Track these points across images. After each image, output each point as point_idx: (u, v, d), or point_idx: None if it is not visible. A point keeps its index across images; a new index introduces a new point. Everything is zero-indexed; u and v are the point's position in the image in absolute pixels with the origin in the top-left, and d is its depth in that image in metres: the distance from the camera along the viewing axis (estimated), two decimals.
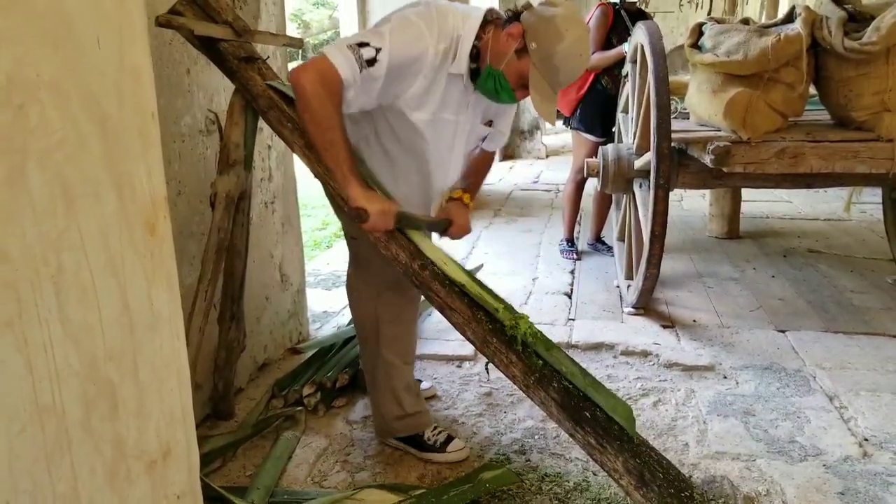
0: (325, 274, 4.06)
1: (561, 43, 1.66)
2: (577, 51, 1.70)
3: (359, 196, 1.68)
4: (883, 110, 2.73)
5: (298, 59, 16.79)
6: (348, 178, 1.68)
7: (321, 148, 1.68)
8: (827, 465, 2.02)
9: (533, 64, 1.69)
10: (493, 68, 1.73)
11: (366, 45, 1.62)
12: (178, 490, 1.07)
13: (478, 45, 1.74)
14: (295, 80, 1.62)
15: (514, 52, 1.70)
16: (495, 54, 1.72)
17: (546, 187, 6.89)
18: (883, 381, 2.51)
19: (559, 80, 1.73)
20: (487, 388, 2.53)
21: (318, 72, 1.61)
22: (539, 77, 1.70)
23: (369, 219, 1.68)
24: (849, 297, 3.42)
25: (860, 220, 5.07)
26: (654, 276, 2.97)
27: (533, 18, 1.70)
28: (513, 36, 1.70)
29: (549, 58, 1.68)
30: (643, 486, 1.56)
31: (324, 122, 1.63)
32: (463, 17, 1.74)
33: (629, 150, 3.32)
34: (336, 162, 1.68)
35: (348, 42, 1.64)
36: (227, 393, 2.26)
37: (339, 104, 1.65)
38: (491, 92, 1.78)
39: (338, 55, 1.62)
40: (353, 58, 1.61)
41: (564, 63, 1.69)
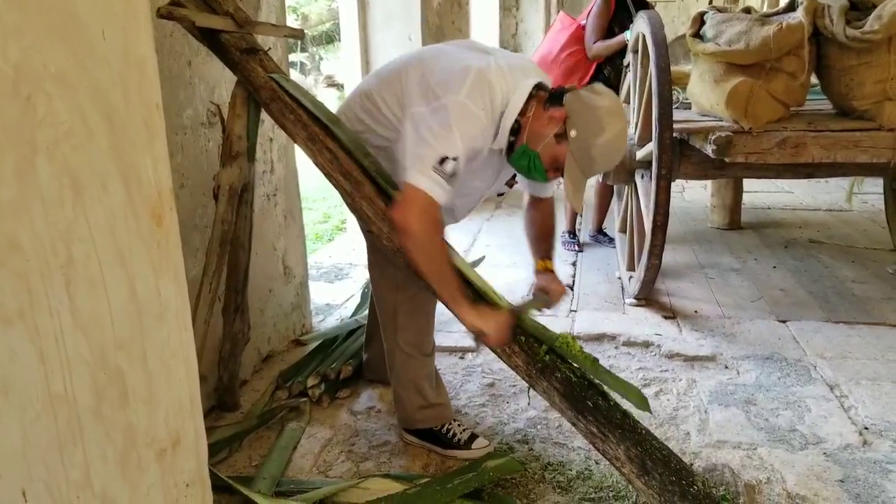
0: (327, 267, 4.07)
1: (602, 136, 1.66)
2: (616, 145, 1.72)
3: (474, 319, 1.69)
4: (884, 99, 2.73)
5: (297, 51, 16.72)
6: (459, 301, 1.70)
7: (433, 279, 1.69)
8: (827, 453, 2.03)
9: (570, 152, 1.69)
10: (530, 149, 1.73)
11: (446, 159, 1.61)
12: (187, 478, 1.09)
13: (519, 121, 1.73)
14: (402, 222, 1.63)
15: (553, 137, 1.70)
16: (534, 135, 1.72)
17: None
18: (883, 370, 2.52)
19: (593, 170, 1.75)
20: (490, 379, 2.54)
21: (421, 208, 1.62)
22: (574, 166, 1.70)
23: (489, 338, 1.71)
24: (850, 288, 3.42)
25: (861, 210, 5.07)
26: (655, 267, 2.97)
27: (577, 105, 1.69)
28: (555, 119, 1.70)
29: (588, 149, 1.68)
30: (645, 474, 1.57)
31: (437, 258, 1.67)
32: (509, 88, 1.72)
33: (631, 141, 3.32)
34: (449, 291, 1.70)
35: (429, 161, 1.61)
36: (232, 384, 2.27)
37: (442, 231, 1.68)
38: (524, 169, 1.80)
39: (428, 182, 1.61)
40: (441, 180, 1.62)
41: (602, 156, 1.70)
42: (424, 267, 1.67)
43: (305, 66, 17.76)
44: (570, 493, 1.86)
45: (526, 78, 1.76)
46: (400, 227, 1.64)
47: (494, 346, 1.73)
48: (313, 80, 15.82)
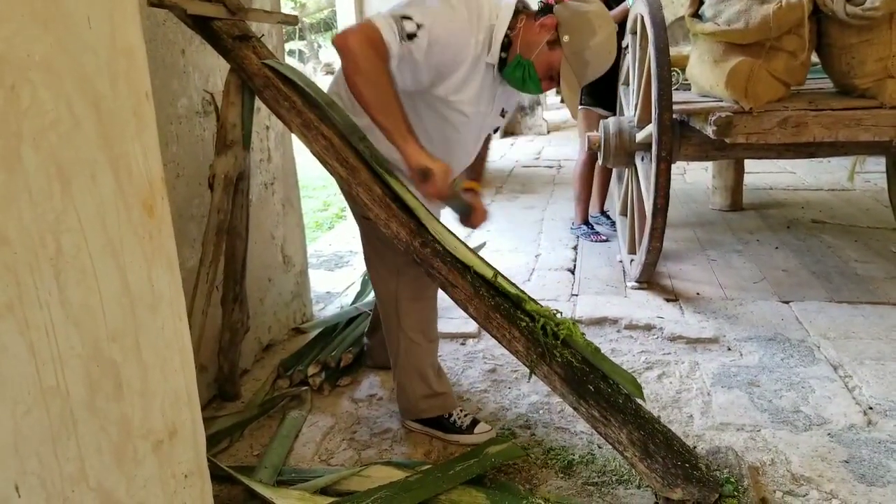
0: (327, 255, 4.06)
1: (594, 38, 1.71)
2: (608, 47, 1.75)
3: (421, 156, 1.65)
4: (886, 77, 2.70)
5: (295, 39, 16.65)
6: (407, 137, 1.65)
7: (375, 108, 1.64)
8: (831, 433, 2.02)
9: (565, 56, 1.73)
10: (524, 58, 1.75)
11: (408, 18, 1.62)
12: (185, 469, 1.08)
13: (509, 35, 1.75)
14: (341, 42, 1.61)
15: (546, 44, 1.73)
16: (526, 44, 1.74)
17: (548, 163, 6.86)
18: (887, 349, 2.51)
19: (587, 74, 1.77)
20: (492, 365, 2.54)
21: (364, 34, 1.61)
22: (569, 70, 1.74)
23: (434, 178, 1.65)
24: (853, 267, 3.41)
25: (864, 189, 5.04)
26: (657, 249, 2.96)
27: (567, 13, 1.73)
28: (546, 27, 1.73)
29: (581, 52, 1.72)
30: (647, 457, 1.57)
31: (376, 80, 1.61)
32: (495, 3, 1.75)
33: (630, 123, 3.30)
34: (394, 121, 1.65)
35: (392, 12, 1.64)
36: (232, 374, 2.27)
37: (388, 67, 1.63)
38: (518, 81, 1.80)
39: (383, 23, 1.62)
40: (395, 27, 1.61)
41: (595, 58, 1.74)
42: (365, 92, 1.62)
43: (304, 54, 17.68)
44: (573, 477, 1.86)
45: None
46: (340, 48, 1.61)
47: (436, 192, 1.67)
48: (312, 68, 15.75)
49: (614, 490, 1.79)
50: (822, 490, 1.76)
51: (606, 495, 1.77)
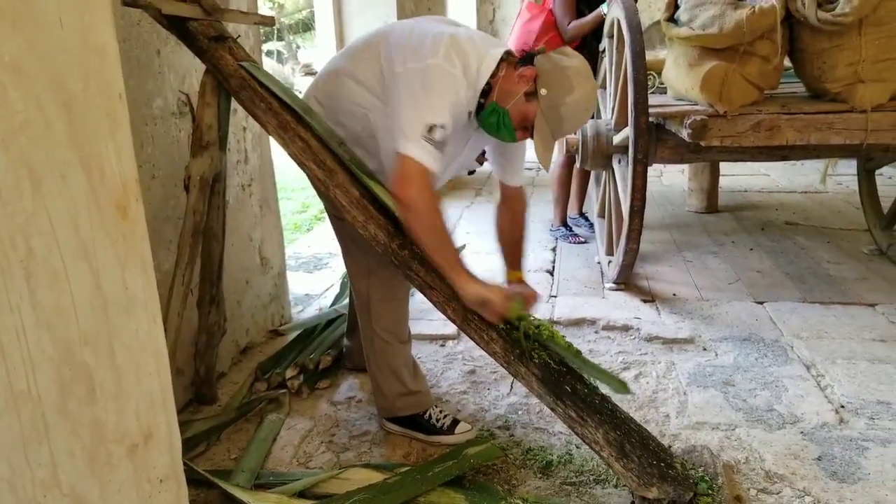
0: (306, 257, 4.04)
1: (571, 95, 1.70)
2: (585, 105, 1.75)
3: (477, 289, 1.68)
4: (856, 81, 2.75)
5: (274, 40, 16.52)
6: (461, 273, 1.69)
7: (433, 252, 1.68)
8: (804, 431, 2.05)
9: (540, 110, 1.72)
10: (500, 106, 1.74)
11: (434, 127, 1.62)
12: (160, 473, 1.07)
13: (490, 82, 1.75)
14: (404, 197, 1.63)
15: (524, 94, 1.72)
16: (504, 93, 1.74)
17: (527, 166, 6.87)
18: (858, 348, 2.56)
19: (562, 130, 1.77)
20: (471, 366, 2.55)
21: (419, 180, 1.62)
22: (544, 123, 1.73)
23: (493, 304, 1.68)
24: (825, 268, 3.47)
25: (836, 191, 5.13)
26: (633, 251, 2.99)
27: (547, 65, 1.72)
28: (525, 78, 1.73)
29: (558, 107, 1.71)
30: (624, 457, 1.58)
31: (437, 229, 1.66)
32: (480, 55, 1.74)
33: (607, 126, 3.33)
34: (449, 261, 1.69)
35: (418, 129, 1.62)
36: (209, 377, 2.25)
37: (439, 200, 1.67)
38: (492, 128, 1.80)
39: (420, 152, 1.61)
40: (432, 150, 1.62)
41: (571, 114, 1.74)
42: (427, 239, 1.66)
43: (282, 55, 17.58)
44: (551, 477, 1.87)
45: (495, 47, 1.78)
46: (402, 202, 1.64)
47: (499, 315, 1.70)
48: (290, 69, 15.66)
49: (592, 490, 1.81)
50: (795, 487, 1.79)
51: (584, 495, 1.79)
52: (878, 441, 1.98)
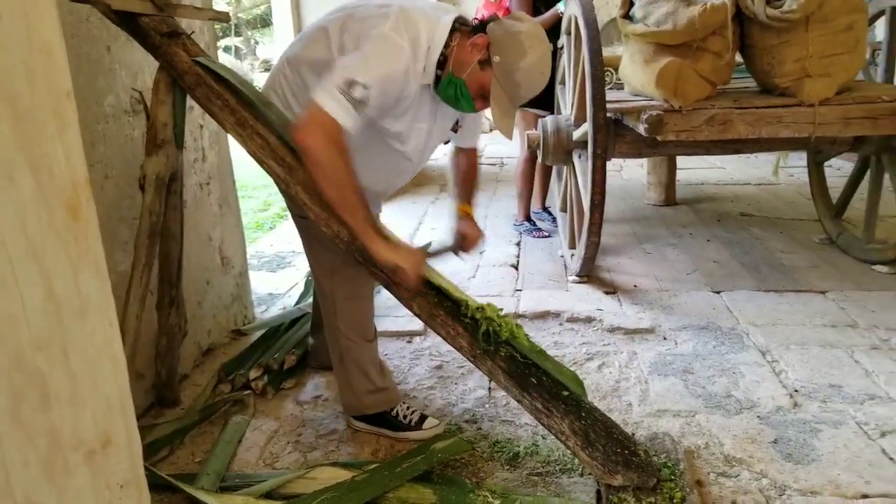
0: (269, 256, 3.99)
1: (524, 59, 1.68)
2: (539, 68, 1.73)
3: (385, 251, 1.65)
4: (804, 76, 2.84)
5: (231, 35, 16.27)
6: (370, 233, 1.66)
7: (338, 206, 1.65)
8: (761, 416, 2.11)
9: (495, 77, 1.71)
10: (455, 76, 1.73)
11: (354, 83, 1.58)
12: (120, 479, 1.05)
13: (445, 53, 1.73)
14: (302, 143, 1.59)
15: (478, 63, 1.71)
16: (459, 63, 1.72)
17: (490, 161, 6.91)
18: (811, 334, 2.64)
19: (519, 95, 1.75)
20: (438, 361, 2.55)
21: (322, 128, 1.57)
22: (500, 90, 1.72)
23: (405, 273, 1.67)
24: (779, 258, 3.56)
25: (788, 183, 5.27)
26: (595, 244, 3.03)
27: (499, 31, 1.71)
28: (477, 46, 1.71)
29: (512, 73, 1.70)
30: (589, 445, 1.61)
31: (340, 182, 1.60)
32: (433, 24, 1.72)
33: (567, 122, 3.36)
34: (355, 219, 1.65)
35: (336, 82, 1.58)
36: (170, 380, 2.22)
37: (347, 155, 1.62)
38: (451, 99, 1.78)
39: (332, 103, 1.57)
40: (347, 103, 1.58)
41: (526, 79, 1.72)
42: (329, 193, 1.62)
43: (241, 51, 17.31)
44: (519, 469, 1.89)
45: (447, 14, 1.77)
46: (301, 149, 1.60)
47: (410, 281, 1.69)
48: (249, 65, 15.43)
49: (558, 479, 1.83)
50: (753, 470, 1.84)
51: (551, 484, 1.81)
52: (830, 423, 2.04)
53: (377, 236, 1.66)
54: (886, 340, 2.55)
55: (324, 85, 1.60)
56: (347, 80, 1.58)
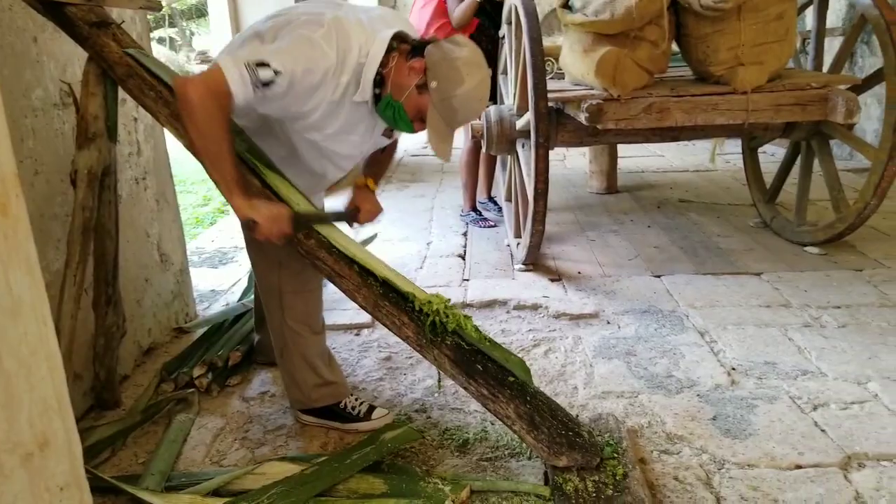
0: (210, 252, 3.91)
1: (461, 87, 1.67)
2: (477, 95, 1.72)
3: (243, 206, 1.63)
4: (737, 64, 2.94)
5: (166, 26, 15.80)
6: (232, 189, 1.63)
7: (206, 158, 1.62)
8: (700, 394, 2.19)
9: (432, 102, 1.69)
10: (394, 99, 1.71)
11: (265, 65, 1.55)
12: (60, 482, 1.02)
13: (382, 73, 1.71)
14: (181, 91, 1.54)
15: (415, 87, 1.70)
16: (396, 86, 1.71)
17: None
18: (747, 314, 2.75)
19: (457, 120, 1.74)
20: (387, 353, 2.55)
21: (208, 87, 1.54)
22: (437, 116, 1.71)
23: (259, 228, 1.64)
24: (716, 241, 3.69)
25: (724, 169, 5.45)
26: (539, 232, 3.07)
27: (437, 56, 1.69)
28: (415, 70, 1.69)
29: (449, 99, 1.68)
30: (534, 429, 1.64)
31: (210, 134, 1.57)
32: (368, 39, 1.68)
33: (510, 112, 3.39)
34: (221, 174, 1.62)
35: (247, 58, 1.56)
36: (110, 381, 2.15)
37: (227, 117, 1.58)
38: (390, 120, 1.77)
39: (232, 70, 1.54)
40: (248, 77, 1.54)
41: (463, 106, 1.70)
42: (198, 143, 1.60)
43: (175, 42, 16.82)
44: (468, 455, 1.91)
45: (387, 28, 1.73)
46: (179, 95, 1.57)
47: (264, 236, 1.68)
48: (185, 56, 15.00)
49: (507, 463, 1.86)
50: (693, 446, 1.91)
51: (500, 469, 1.84)
52: (765, 399, 2.13)
53: (239, 191, 1.64)
54: (818, 318, 2.68)
55: (234, 52, 1.58)
56: (259, 60, 1.55)
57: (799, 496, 1.67)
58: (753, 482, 1.74)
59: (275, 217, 1.66)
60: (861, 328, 2.57)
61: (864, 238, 3.53)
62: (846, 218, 3.26)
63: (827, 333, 2.54)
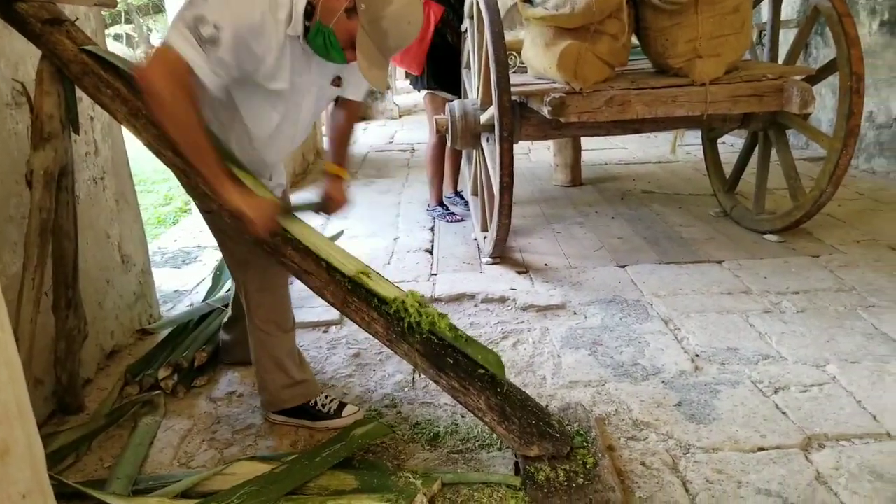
0: (172, 252, 3.85)
1: (389, 6, 1.64)
2: (406, 16, 1.67)
3: (233, 197, 1.60)
4: (695, 57, 2.99)
5: (122, 23, 15.45)
6: (219, 177, 1.60)
7: (185, 148, 1.59)
8: (665, 381, 2.23)
9: (361, 25, 1.65)
10: (323, 25, 1.67)
11: (203, 19, 1.53)
12: (22, 489, 1.00)
13: (312, 3, 1.68)
14: (144, 80, 1.52)
15: (344, 11, 1.65)
16: (325, 11, 1.66)
17: (401, 147, 6.91)
18: (709, 302, 2.81)
19: (388, 46, 1.70)
20: (356, 349, 2.55)
21: (165, 65, 1.51)
22: (367, 40, 1.66)
23: (250, 221, 1.62)
24: (678, 231, 3.75)
25: (685, 160, 5.55)
26: (506, 225, 3.09)
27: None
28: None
29: (378, 20, 1.64)
30: (505, 419, 1.65)
31: (183, 122, 1.55)
32: None
33: (474, 106, 3.40)
34: (203, 162, 1.60)
35: (184, 19, 1.53)
36: (72, 385, 2.11)
37: (194, 95, 1.56)
38: (321, 49, 1.72)
39: (179, 40, 1.52)
40: (194, 40, 1.52)
41: (393, 27, 1.66)
42: (174, 133, 1.58)
43: (132, 39, 16.47)
44: (439, 448, 1.92)
45: None
46: (142, 86, 1.55)
47: (255, 229, 1.67)
48: (142, 53, 14.69)
49: (478, 455, 1.87)
50: (660, 432, 1.95)
51: (471, 461, 1.85)
52: (728, 384, 2.18)
53: (227, 180, 1.63)
54: (777, 304, 2.75)
55: (173, 23, 1.56)
56: (196, 16, 1.54)
57: (762, 477, 1.72)
58: (718, 465, 1.78)
59: (263, 210, 1.63)
60: (819, 313, 2.64)
61: (820, 225, 3.63)
62: (803, 206, 3.35)
63: (786, 319, 2.61)
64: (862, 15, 4.80)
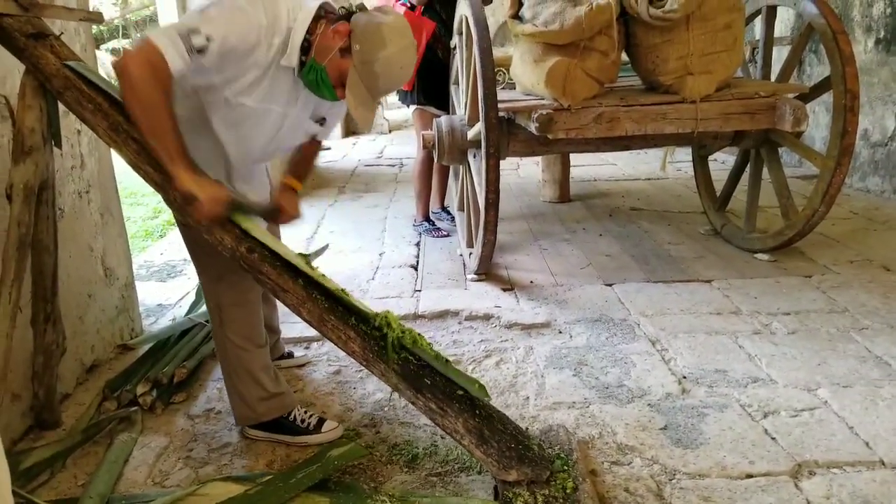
0: (158, 265, 3.82)
1: (383, 51, 1.68)
2: (399, 62, 1.73)
3: (187, 179, 1.60)
4: (686, 74, 2.98)
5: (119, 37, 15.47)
6: (176, 160, 1.61)
7: (147, 131, 1.60)
8: (651, 403, 2.19)
9: (353, 65, 1.70)
10: (317, 62, 1.71)
11: (196, 31, 1.56)
12: None
13: (309, 39, 1.72)
14: (119, 65, 1.54)
15: (339, 50, 1.70)
16: (321, 49, 1.71)
17: (390, 162, 6.91)
18: (697, 322, 2.78)
19: (378, 88, 1.74)
20: (336, 367, 2.52)
21: (144, 56, 1.54)
22: (357, 80, 1.71)
23: (199, 205, 1.61)
24: (667, 249, 3.74)
25: (675, 177, 5.56)
26: (491, 242, 3.08)
27: (362, 21, 1.71)
28: (339, 33, 1.70)
29: (370, 63, 1.69)
30: (483, 443, 1.63)
31: (150, 104, 1.56)
32: (295, 6, 1.71)
33: (462, 122, 3.40)
34: (163, 145, 1.60)
35: (177, 27, 1.57)
36: (50, 400, 2.08)
37: (167, 89, 1.58)
38: (313, 85, 1.77)
39: (166, 42, 1.54)
40: (182, 46, 1.55)
41: (385, 71, 1.71)
42: (139, 115, 1.59)
43: None
44: (417, 470, 1.89)
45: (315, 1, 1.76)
46: (118, 69, 1.57)
47: (203, 216, 1.66)
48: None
49: (457, 478, 1.85)
50: (644, 457, 1.91)
51: (449, 484, 1.82)
52: (716, 407, 2.15)
53: (183, 164, 1.63)
54: (767, 325, 2.72)
55: (166, 27, 1.59)
56: (190, 28, 1.57)
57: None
58: (704, 492, 1.74)
59: (215, 197, 1.64)
60: (810, 335, 2.62)
61: (813, 244, 3.62)
62: (795, 225, 3.34)
63: (777, 340, 2.58)
64: (857, 32, 4.82)
